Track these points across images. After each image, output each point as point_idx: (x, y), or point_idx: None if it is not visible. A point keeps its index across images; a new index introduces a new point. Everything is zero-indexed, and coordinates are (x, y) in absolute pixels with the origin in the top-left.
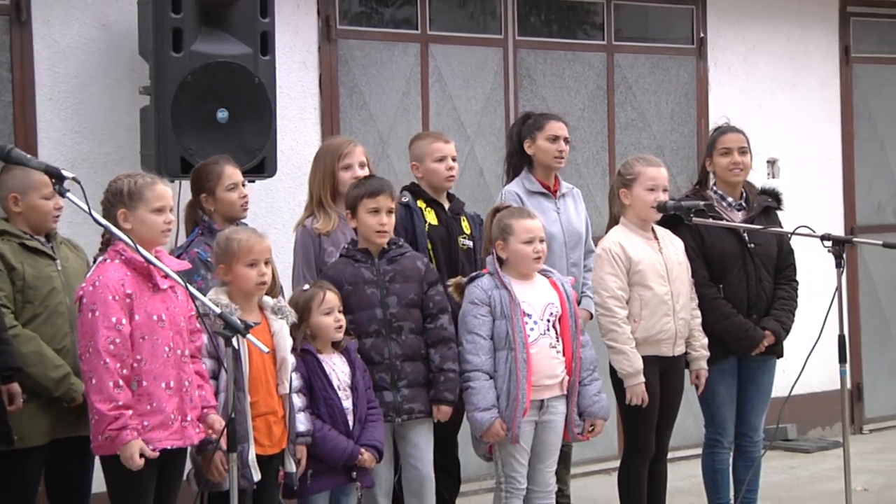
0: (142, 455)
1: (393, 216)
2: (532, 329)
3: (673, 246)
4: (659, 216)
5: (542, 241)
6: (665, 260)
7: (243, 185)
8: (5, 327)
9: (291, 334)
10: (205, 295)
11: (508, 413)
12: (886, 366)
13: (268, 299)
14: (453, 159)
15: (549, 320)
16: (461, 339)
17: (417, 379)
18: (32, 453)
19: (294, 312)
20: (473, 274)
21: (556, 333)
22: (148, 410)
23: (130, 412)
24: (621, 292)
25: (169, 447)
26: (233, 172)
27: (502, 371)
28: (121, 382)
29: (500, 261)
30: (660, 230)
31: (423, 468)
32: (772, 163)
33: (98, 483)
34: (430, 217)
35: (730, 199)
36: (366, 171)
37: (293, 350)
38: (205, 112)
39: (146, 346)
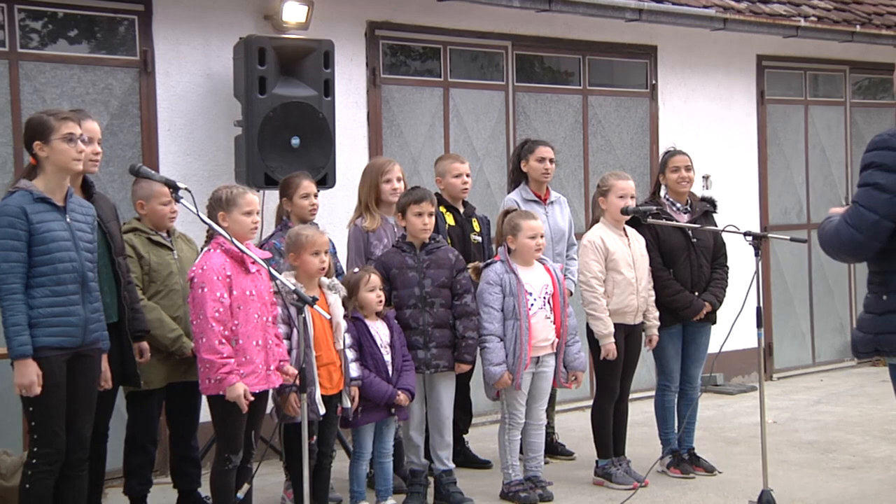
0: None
1: (433, 218)
2: (532, 304)
3: (638, 242)
4: (626, 219)
5: (541, 237)
6: (632, 252)
7: (315, 196)
8: (137, 300)
9: (344, 305)
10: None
11: (514, 367)
12: (790, 330)
13: (324, 279)
14: (467, 175)
15: (545, 297)
16: (479, 311)
17: (444, 342)
18: (154, 393)
19: (344, 288)
20: (489, 261)
21: (550, 307)
22: (243, 362)
23: (233, 360)
24: (601, 274)
25: (257, 390)
26: (308, 185)
27: (510, 335)
28: (223, 341)
29: (509, 251)
30: (629, 229)
31: (444, 410)
32: (706, 178)
33: (203, 415)
34: (449, 219)
35: (678, 205)
36: (402, 185)
37: (346, 317)
38: (282, 139)
39: (241, 315)
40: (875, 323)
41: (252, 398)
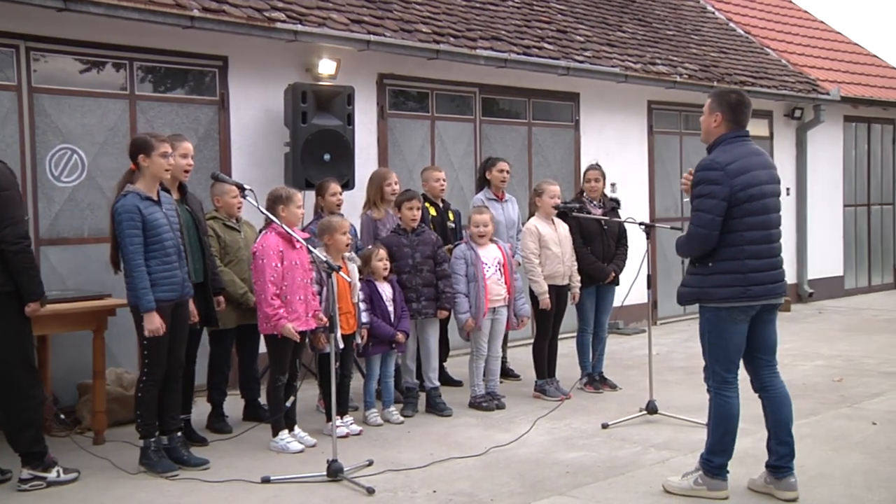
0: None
1: (420, 211)
2: (488, 271)
3: (563, 228)
4: (556, 212)
5: (485, 225)
6: (559, 236)
7: (340, 195)
8: (216, 266)
9: (359, 271)
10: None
11: (476, 314)
12: (669, 290)
13: (346, 253)
14: (444, 181)
15: (497, 266)
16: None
17: (430, 296)
18: (228, 332)
19: (360, 259)
20: (457, 242)
21: (501, 273)
22: (290, 312)
23: (282, 310)
24: (536, 251)
25: (302, 330)
26: (335, 187)
27: (473, 293)
28: (275, 296)
29: (470, 236)
30: (557, 220)
31: (430, 345)
32: (613, 184)
33: (261, 347)
34: (432, 211)
35: (594, 202)
36: (398, 187)
37: (360, 279)
38: (318, 155)
39: (289, 278)
40: (702, 280)
41: (298, 336)
